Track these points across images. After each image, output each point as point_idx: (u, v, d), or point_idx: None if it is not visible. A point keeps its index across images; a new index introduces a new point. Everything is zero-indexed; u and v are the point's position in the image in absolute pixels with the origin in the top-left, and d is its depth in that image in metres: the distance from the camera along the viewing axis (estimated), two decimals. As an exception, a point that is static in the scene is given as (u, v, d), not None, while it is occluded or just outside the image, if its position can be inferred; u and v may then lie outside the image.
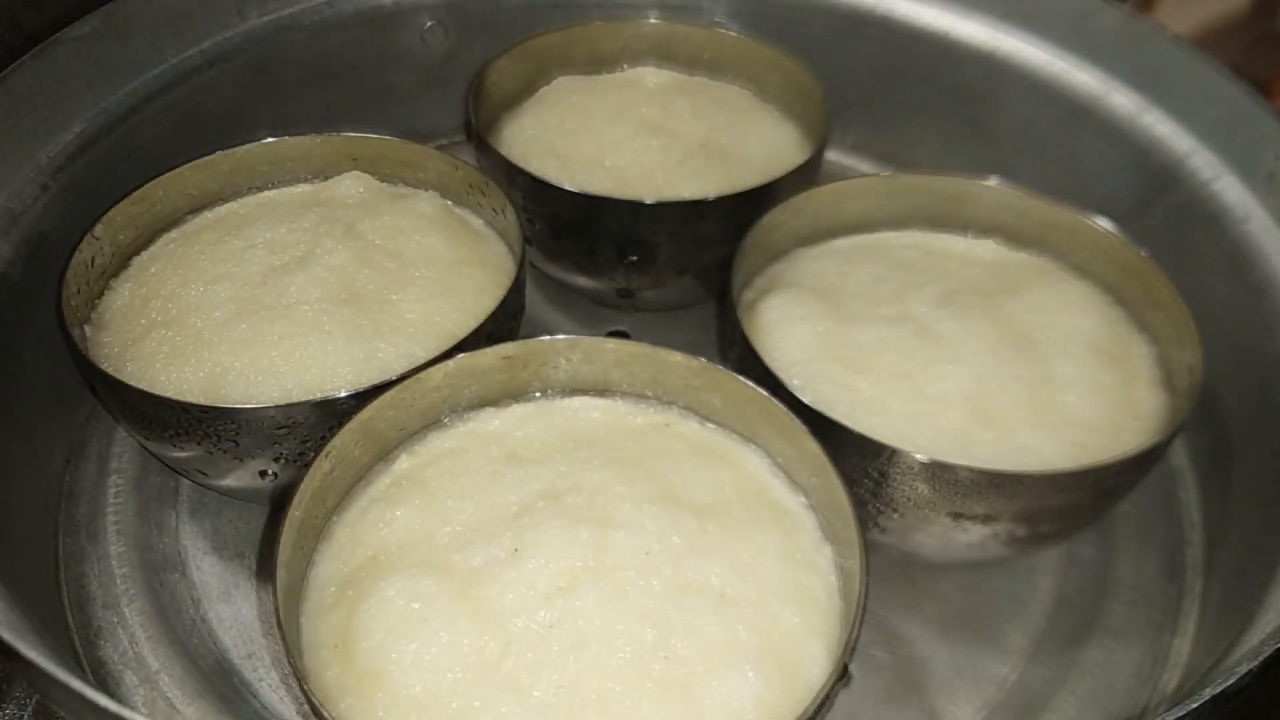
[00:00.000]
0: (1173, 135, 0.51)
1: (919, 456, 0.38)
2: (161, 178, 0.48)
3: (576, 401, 0.43)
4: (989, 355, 0.43)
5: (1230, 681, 0.29)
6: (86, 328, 0.45)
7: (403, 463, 0.40)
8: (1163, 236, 0.51)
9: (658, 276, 0.52)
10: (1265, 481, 0.44)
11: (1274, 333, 0.45)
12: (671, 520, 0.37)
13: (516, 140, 0.55)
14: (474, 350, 0.41)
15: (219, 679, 0.42)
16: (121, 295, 0.46)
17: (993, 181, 0.50)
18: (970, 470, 0.37)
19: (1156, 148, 0.52)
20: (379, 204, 0.50)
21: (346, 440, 0.38)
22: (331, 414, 0.40)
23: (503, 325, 0.44)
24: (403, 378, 0.39)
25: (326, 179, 0.52)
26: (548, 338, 0.41)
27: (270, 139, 0.51)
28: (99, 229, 0.45)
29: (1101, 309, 0.47)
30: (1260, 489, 0.45)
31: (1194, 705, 0.29)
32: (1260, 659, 0.30)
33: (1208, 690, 0.29)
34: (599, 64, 0.60)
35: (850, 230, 0.52)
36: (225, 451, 0.41)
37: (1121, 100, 0.53)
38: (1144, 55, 0.52)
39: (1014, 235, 0.50)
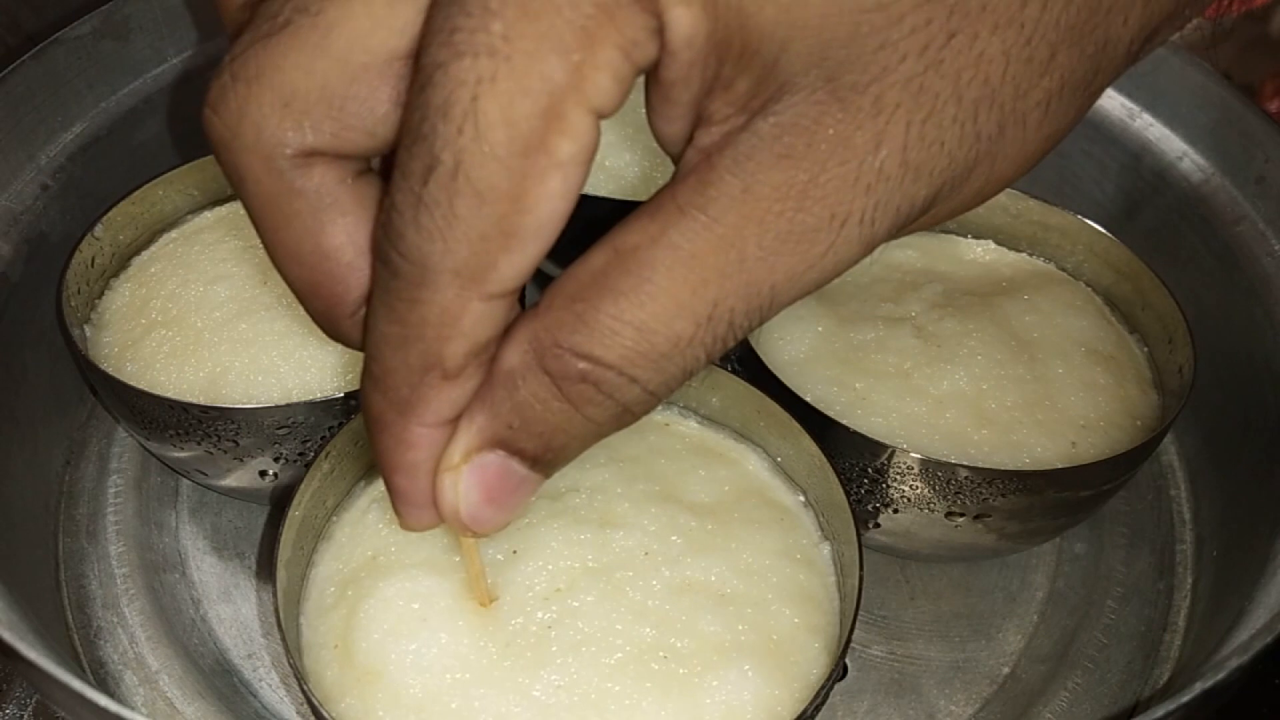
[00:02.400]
0: (1164, 139, 0.52)
1: (916, 455, 0.38)
2: (161, 178, 0.48)
3: (576, 401, 0.43)
4: (986, 355, 0.43)
5: (1220, 676, 0.30)
6: (86, 328, 0.45)
7: (403, 462, 0.40)
8: (1154, 238, 0.51)
9: (657, 277, 0.52)
10: (1254, 480, 0.45)
11: (1263, 333, 0.46)
12: (670, 520, 0.37)
13: (516, 141, 0.55)
14: (474, 350, 0.41)
15: (219, 679, 0.42)
16: (121, 295, 0.46)
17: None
18: (967, 469, 0.38)
19: (1148, 151, 0.52)
20: (379, 204, 0.50)
21: (347, 440, 0.38)
22: (332, 414, 0.40)
23: (503, 325, 0.44)
24: (404, 378, 0.40)
25: (326, 179, 0.52)
26: (548, 338, 0.42)
27: (270, 139, 0.51)
28: (99, 229, 0.45)
29: (1095, 310, 0.48)
30: (1249, 487, 0.45)
31: (1185, 699, 0.29)
32: (1250, 655, 0.31)
33: (1198, 685, 0.30)
34: (597, 66, 0.60)
35: (847, 231, 0.52)
36: (225, 451, 0.41)
37: (1114, 104, 0.53)
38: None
39: (1009, 237, 0.51)
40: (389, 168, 0.21)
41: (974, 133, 0.20)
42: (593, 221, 0.60)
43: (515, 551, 0.36)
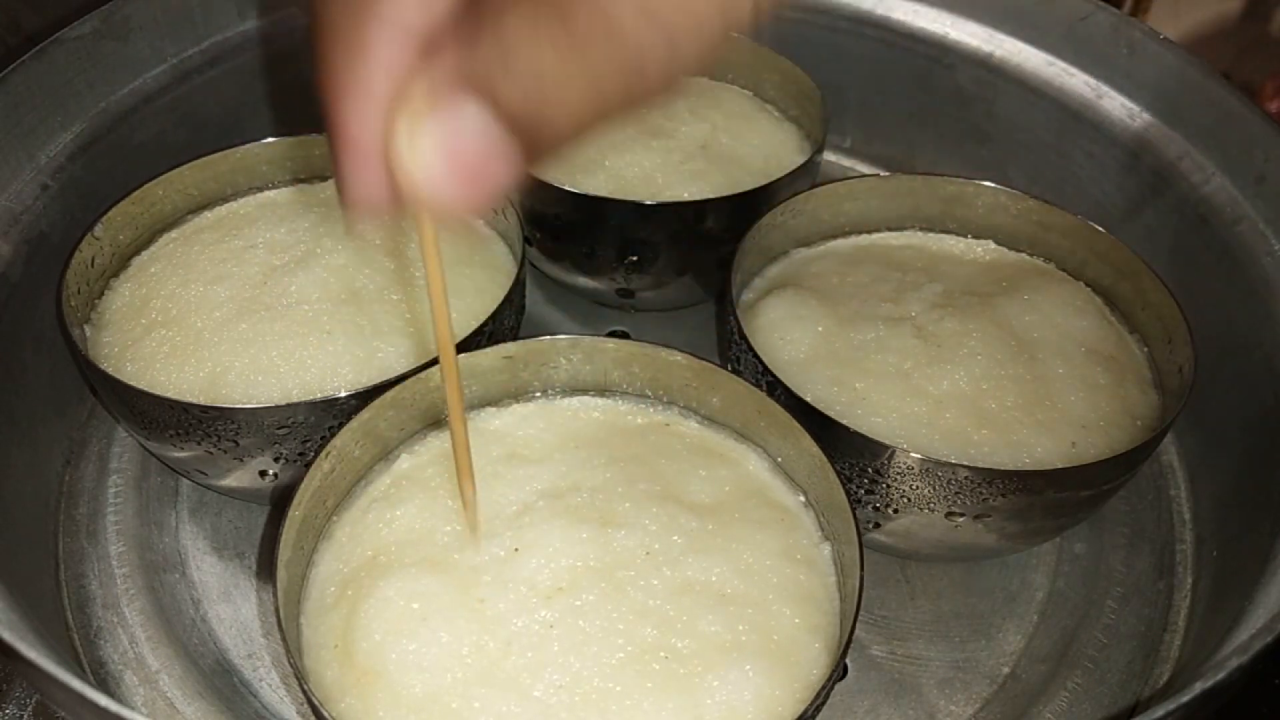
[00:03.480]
0: (1164, 138, 0.52)
1: (916, 455, 0.38)
2: (161, 178, 0.48)
3: (577, 401, 0.43)
4: (986, 355, 0.43)
5: (1220, 676, 0.30)
6: (86, 328, 0.45)
7: (403, 462, 0.40)
8: (1155, 238, 0.51)
9: (658, 277, 0.52)
10: (1254, 480, 0.45)
11: (1263, 332, 0.46)
12: (672, 519, 0.37)
13: (516, 141, 0.55)
14: (474, 350, 0.41)
15: (219, 679, 0.42)
16: (121, 295, 0.46)
17: (988, 183, 0.50)
18: (967, 469, 0.38)
19: (1148, 150, 0.53)
20: (379, 204, 0.50)
21: (347, 440, 0.38)
22: (332, 414, 0.40)
23: (503, 325, 0.44)
24: (403, 377, 0.40)
25: (326, 179, 0.52)
26: (548, 338, 0.42)
27: (270, 139, 0.51)
28: (99, 229, 0.45)
29: (1095, 310, 0.48)
30: (1249, 487, 0.45)
31: (1185, 699, 0.29)
32: (1250, 655, 0.31)
33: (1198, 685, 0.30)
34: (598, 65, 0.60)
35: (848, 231, 0.52)
36: (225, 451, 0.41)
37: (1114, 104, 0.53)
38: (1137, 59, 0.53)
39: (1010, 236, 0.51)
40: None
41: None
42: (593, 221, 0.61)
43: (517, 549, 0.36)
